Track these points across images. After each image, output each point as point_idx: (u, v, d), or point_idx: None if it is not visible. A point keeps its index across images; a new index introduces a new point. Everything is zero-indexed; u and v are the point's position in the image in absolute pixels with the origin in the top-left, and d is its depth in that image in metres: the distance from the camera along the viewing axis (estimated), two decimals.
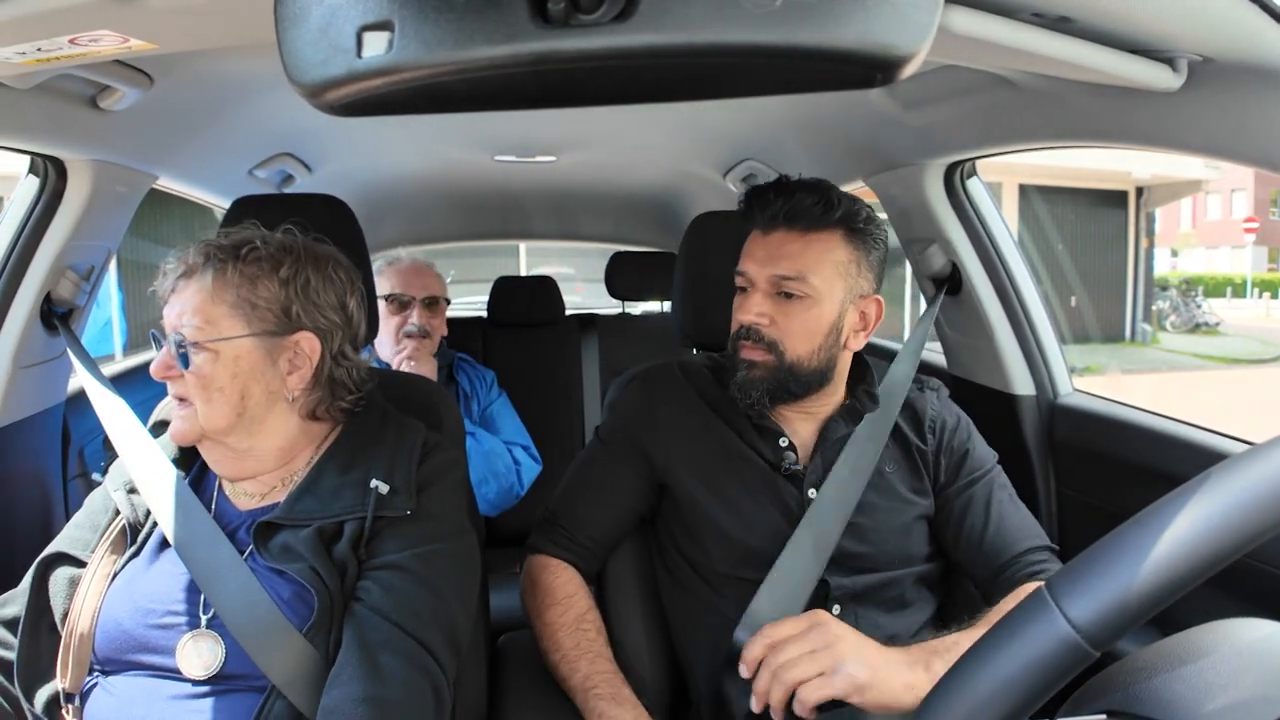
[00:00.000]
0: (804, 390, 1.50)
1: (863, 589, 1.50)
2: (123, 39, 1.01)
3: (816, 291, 1.44)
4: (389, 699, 1.13)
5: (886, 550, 1.51)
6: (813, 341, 1.46)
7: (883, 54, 0.69)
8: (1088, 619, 0.53)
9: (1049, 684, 0.55)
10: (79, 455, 2.06)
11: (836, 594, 1.48)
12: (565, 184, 3.27)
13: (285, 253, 1.32)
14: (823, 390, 1.52)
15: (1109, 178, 14.77)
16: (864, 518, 1.50)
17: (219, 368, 1.27)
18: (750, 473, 1.54)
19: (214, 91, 1.79)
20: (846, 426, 1.55)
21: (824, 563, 1.46)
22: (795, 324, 1.46)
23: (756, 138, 2.39)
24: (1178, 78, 1.11)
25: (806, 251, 1.44)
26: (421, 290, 2.63)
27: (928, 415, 1.59)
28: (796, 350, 1.46)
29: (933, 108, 1.72)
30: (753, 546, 1.50)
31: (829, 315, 1.46)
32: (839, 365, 1.52)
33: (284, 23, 0.68)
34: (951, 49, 1.07)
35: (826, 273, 1.44)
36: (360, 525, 1.27)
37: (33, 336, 1.81)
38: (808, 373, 1.48)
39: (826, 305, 1.45)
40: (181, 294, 1.28)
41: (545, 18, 0.65)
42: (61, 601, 1.26)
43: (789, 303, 1.46)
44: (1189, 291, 19.03)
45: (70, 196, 1.78)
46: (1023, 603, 0.58)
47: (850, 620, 1.43)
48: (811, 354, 1.47)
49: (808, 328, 1.46)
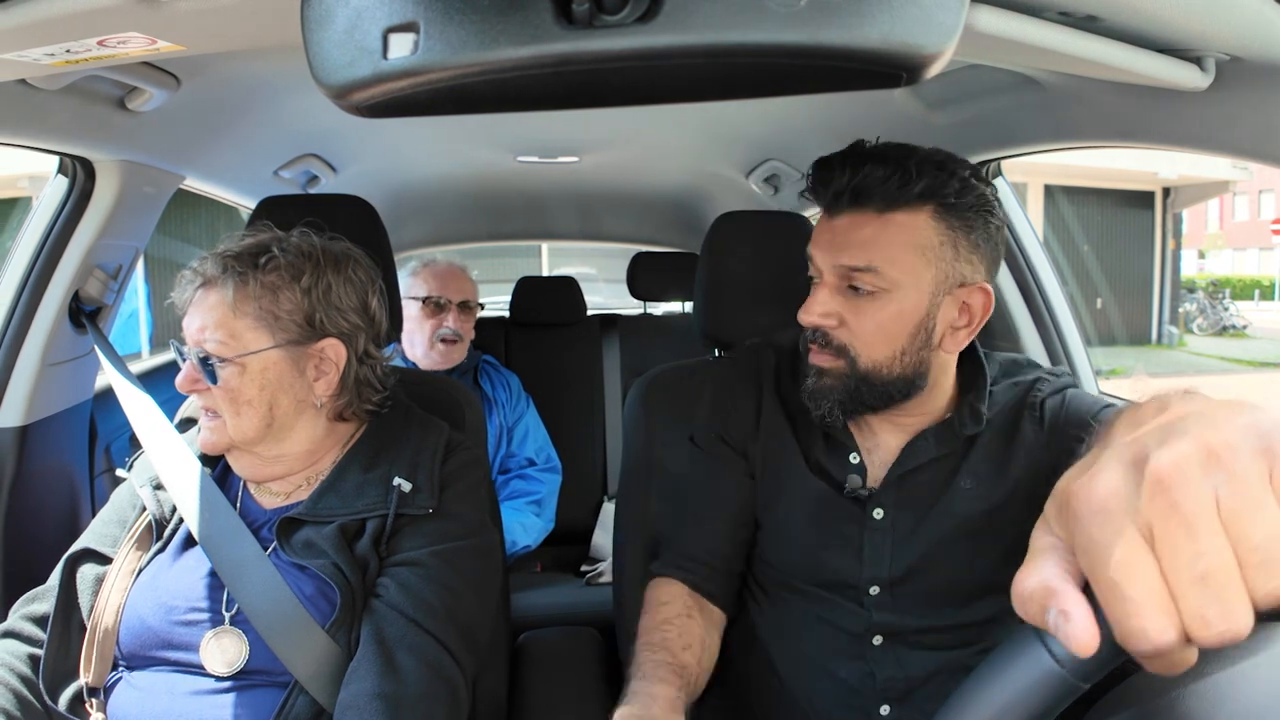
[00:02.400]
0: (884, 402, 1.25)
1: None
2: (151, 41, 1.02)
3: (895, 284, 1.18)
4: (404, 695, 1.14)
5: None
6: (893, 345, 1.21)
7: (908, 53, 0.68)
8: (1070, 654, 0.52)
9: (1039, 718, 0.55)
10: (106, 452, 2.08)
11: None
12: (587, 184, 3.27)
13: (305, 259, 1.32)
14: (915, 399, 1.27)
15: (1135, 178, 14.64)
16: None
17: (246, 381, 1.27)
18: (806, 491, 1.34)
19: (240, 93, 1.80)
20: (938, 448, 1.29)
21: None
22: (869, 324, 1.21)
23: (779, 138, 2.38)
24: (1206, 77, 1.10)
25: (880, 236, 1.18)
26: (458, 294, 2.66)
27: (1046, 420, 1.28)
28: (872, 355, 1.22)
29: (958, 108, 1.71)
30: (799, 563, 1.34)
31: (913, 312, 1.20)
32: (934, 370, 1.26)
33: (310, 24, 0.68)
34: (977, 48, 1.07)
35: (908, 260, 1.18)
36: (382, 523, 1.28)
37: (61, 334, 1.83)
38: (888, 381, 1.23)
39: (910, 300, 1.19)
40: (201, 306, 1.29)
41: (570, 19, 0.65)
42: (88, 597, 1.28)
43: (860, 299, 1.21)
44: (1216, 294, 18.80)
45: (98, 196, 1.80)
46: (1010, 639, 0.57)
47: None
48: (892, 359, 1.22)
49: (884, 329, 1.20)
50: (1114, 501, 0.48)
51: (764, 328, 1.57)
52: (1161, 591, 0.46)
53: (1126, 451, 0.49)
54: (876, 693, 1.28)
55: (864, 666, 1.29)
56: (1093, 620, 0.48)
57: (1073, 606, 0.48)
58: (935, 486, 1.28)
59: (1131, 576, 0.46)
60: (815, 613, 1.33)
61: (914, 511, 1.28)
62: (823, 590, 1.33)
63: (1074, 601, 0.48)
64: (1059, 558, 0.51)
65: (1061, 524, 0.52)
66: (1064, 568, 0.51)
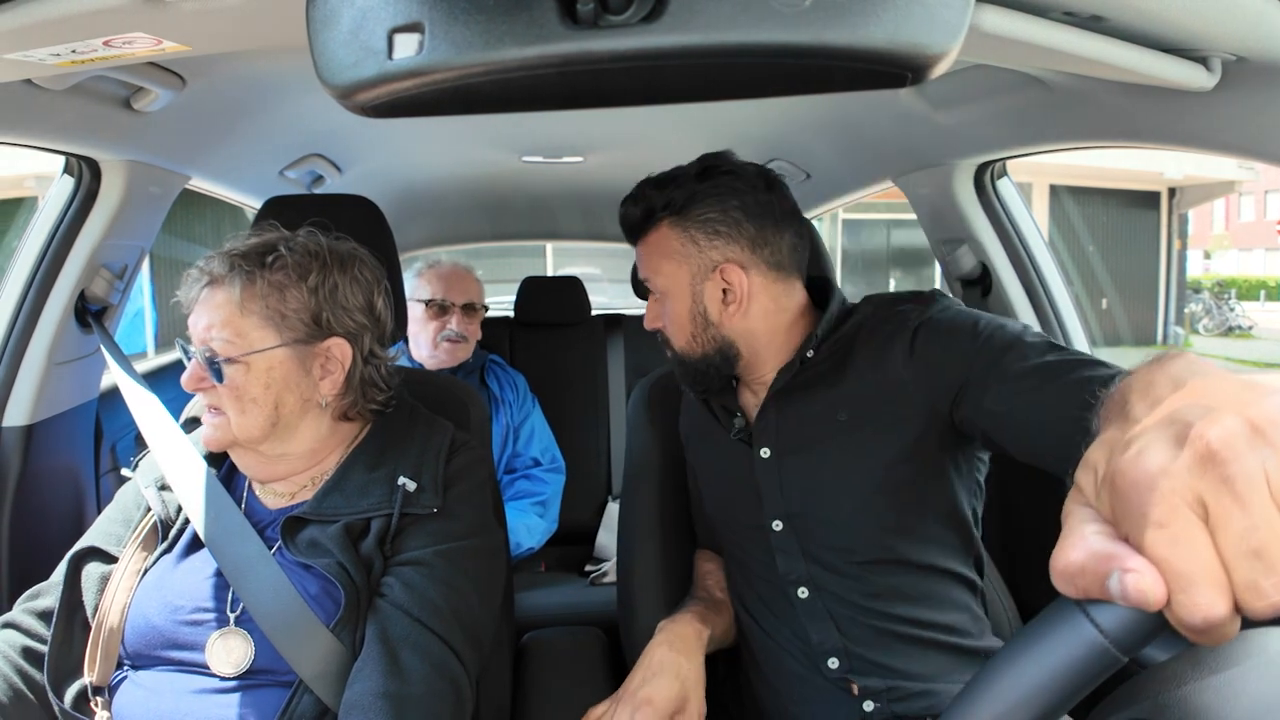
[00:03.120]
0: (714, 375, 1.48)
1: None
2: (156, 41, 1.02)
3: (664, 288, 1.47)
4: (408, 694, 1.14)
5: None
6: (684, 331, 1.47)
7: (914, 53, 0.68)
8: (1117, 623, 0.52)
9: (1076, 691, 0.55)
10: (111, 451, 2.09)
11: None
12: (592, 184, 3.26)
13: (311, 258, 1.33)
14: (748, 363, 1.48)
15: (1141, 178, 14.59)
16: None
17: (251, 379, 1.28)
18: (714, 444, 1.58)
19: (246, 93, 1.80)
20: (785, 380, 1.45)
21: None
22: (666, 320, 1.49)
23: (784, 137, 2.38)
24: (1211, 77, 1.10)
25: (646, 256, 1.49)
26: (462, 296, 2.66)
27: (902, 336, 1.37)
28: (677, 342, 1.49)
29: (963, 107, 1.70)
30: (724, 519, 1.58)
31: (682, 305, 1.45)
32: (741, 339, 1.45)
33: (316, 25, 0.68)
34: (982, 48, 1.06)
35: (665, 267, 1.45)
36: (387, 522, 1.28)
37: (67, 334, 1.84)
38: (698, 359, 1.47)
39: (676, 297, 1.46)
40: (207, 304, 1.29)
41: (574, 19, 0.65)
42: (93, 596, 1.28)
43: (660, 304, 1.50)
44: (1222, 294, 18.72)
45: (104, 196, 1.81)
46: (1050, 608, 0.57)
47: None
48: (689, 343, 1.47)
49: (674, 321, 1.47)
50: (1164, 478, 0.49)
51: None
52: (1215, 564, 0.47)
53: (1168, 429, 0.51)
54: (818, 650, 1.43)
55: (795, 616, 1.45)
56: (1159, 574, 0.48)
57: (1138, 563, 0.49)
58: (814, 422, 1.42)
59: (1185, 551, 0.47)
60: (738, 558, 1.56)
61: (797, 448, 1.44)
62: (738, 535, 1.55)
63: (1137, 560, 0.49)
64: (1100, 528, 0.52)
65: (1103, 500, 0.53)
66: (1109, 535, 0.52)
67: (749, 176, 1.45)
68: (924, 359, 1.33)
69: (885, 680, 1.37)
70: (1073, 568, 0.52)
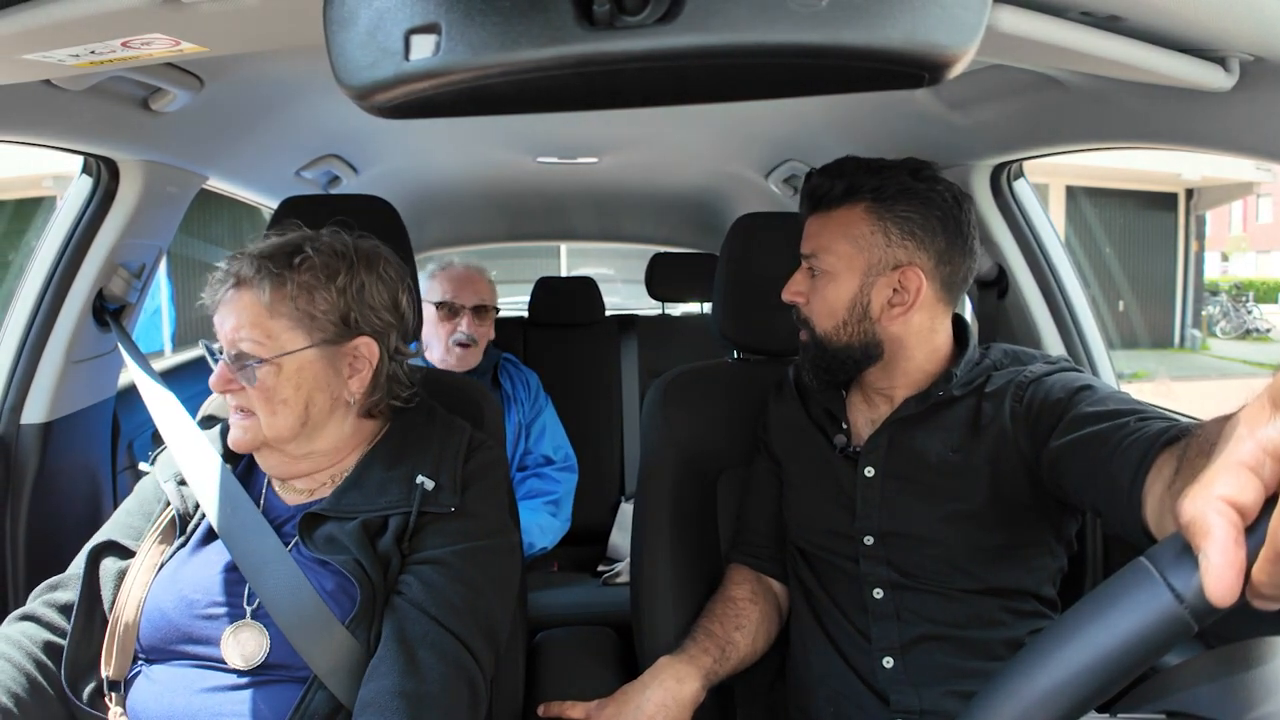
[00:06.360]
0: (846, 369, 1.47)
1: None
2: (174, 42, 1.02)
3: (833, 267, 1.43)
4: (425, 693, 1.14)
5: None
6: (835, 317, 1.44)
7: (930, 54, 0.68)
8: (1194, 589, 0.52)
9: (1147, 657, 0.54)
10: (128, 448, 2.10)
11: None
12: (606, 185, 3.27)
13: (339, 259, 1.33)
14: (881, 369, 1.46)
15: (1158, 179, 14.47)
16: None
17: (282, 380, 1.28)
18: (812, 452, 1.55)
19: (263, 94, 1.81)
20: (916, 407, 1.45)
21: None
22: (817, 300, 1.45)
23: (799, 138, 2.37)
24: (1229, 77, 1.09)
25: (824, 230, 1.44)
26: (473, 298, 2.65)
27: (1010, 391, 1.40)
28: (823, 326, 1.45)
29: (979, 108, 1.70)
30: (808, 525, 1.54)
31: (847, 290, 1.42)
32: (888, 343, 1.44)
33: (333, 26, 0.68)
34: (999, 48, 1.06)
35: (842, 248, 1.42)
36: (405, 520, 1.29)
37: (85, 332, 1.85)
38: (839, 349, 1.45)
39: (844, 281, 1.42)
40: (234, 305, 1.29)
41: (590, 19, 0.65)
42: (110, 591, 1.29)
43: (815, 280, 1.46)
44: (1240, 297, 18.56)
45: (122, 196, 1.82)
46: (1123, 572, 0.57)
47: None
48: (837, 330, 1.44)
49: (828, 303, 1.44)
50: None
51: (782, 329, 1.57)
52: None
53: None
54: (877, 646, 1.43)
55: (864, 618, 1.45)
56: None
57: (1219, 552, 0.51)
58: (927, 454, 1.42)
59: None
60: (810, 553, 1.54)
61: (903, 474, 1.44)
62: (818, 537, 1.53)
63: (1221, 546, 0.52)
64: (1244, 476, 0.54)
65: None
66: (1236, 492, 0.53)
67: (953, 191, 1.44)
68: (1028, 412, 1.36)
69: (934, 692, 1.39)
70: (1186, 516, 0.54)
